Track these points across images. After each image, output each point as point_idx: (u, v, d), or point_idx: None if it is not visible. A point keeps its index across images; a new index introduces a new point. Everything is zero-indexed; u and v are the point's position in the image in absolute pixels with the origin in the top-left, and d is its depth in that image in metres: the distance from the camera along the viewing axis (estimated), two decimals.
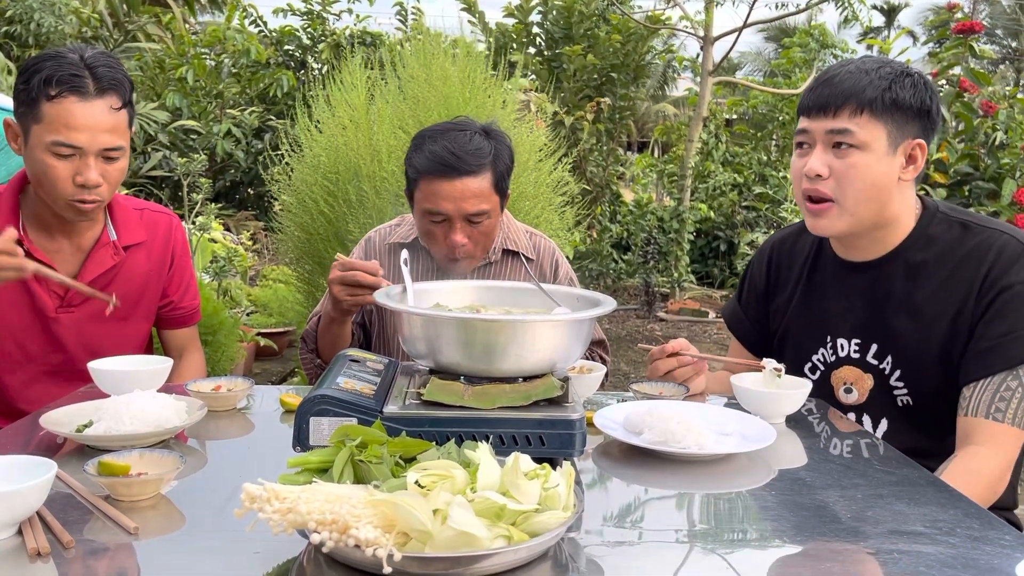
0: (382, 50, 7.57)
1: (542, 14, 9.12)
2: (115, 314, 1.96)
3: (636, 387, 1.75)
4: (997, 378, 1.55)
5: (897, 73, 1.60)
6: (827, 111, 1.60)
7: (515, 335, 1.21)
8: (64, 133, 1.73)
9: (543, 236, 2.21)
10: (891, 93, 1.57)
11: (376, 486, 0.99)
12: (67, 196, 1.78)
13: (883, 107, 1.57)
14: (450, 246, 1.91)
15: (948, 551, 1.04)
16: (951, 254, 1.64)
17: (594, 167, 8.70)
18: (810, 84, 1.68)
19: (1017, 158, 4.67)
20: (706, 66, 8.02)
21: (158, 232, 2.06)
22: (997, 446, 1.52)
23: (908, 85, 1.59)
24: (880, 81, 1.58)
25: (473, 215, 1.89)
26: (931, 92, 1.62)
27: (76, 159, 1.76)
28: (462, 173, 1.86)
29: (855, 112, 1.58)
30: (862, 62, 1.63)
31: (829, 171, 1.61)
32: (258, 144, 8.96)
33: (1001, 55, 26.34)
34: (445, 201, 1.87)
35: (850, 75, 1.60)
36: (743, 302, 2.01)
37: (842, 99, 1.59)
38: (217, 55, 9.66)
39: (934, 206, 1.71)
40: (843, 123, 1.58)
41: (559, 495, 0.97)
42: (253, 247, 7.75)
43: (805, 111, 1.66)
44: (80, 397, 1.62)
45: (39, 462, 1.08)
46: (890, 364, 1.70)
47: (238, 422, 1.56)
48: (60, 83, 1.73)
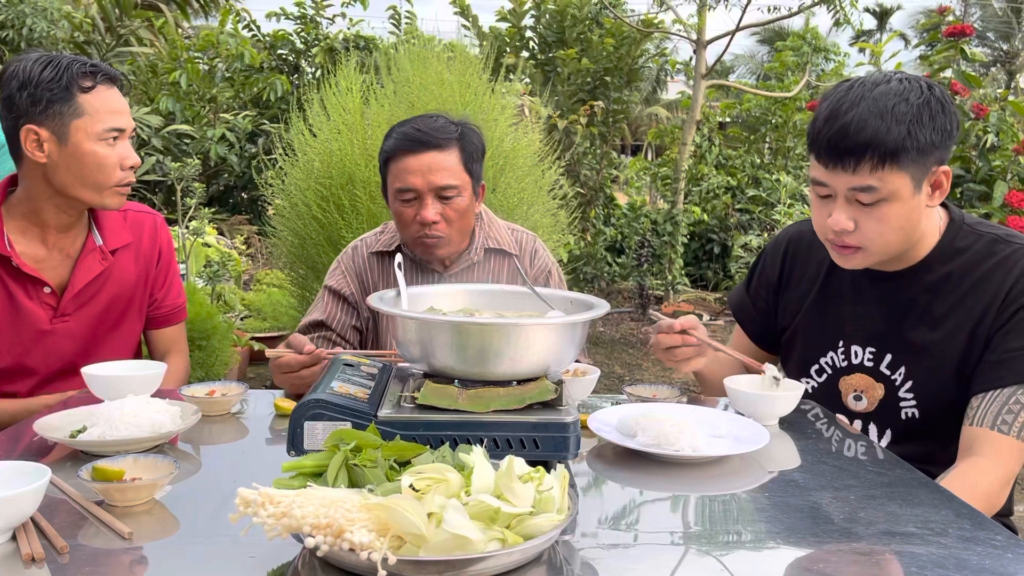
0: (376, 54, 7.57)
1: (535, 18, 9.13)
2: (108, 318, 1.98)
3: (630, 390, 1.75)
4: (1007, 391, 1.53)
5: (915, 110, 1.47)
6: (846, 165, 1.49)
7: (509, 338, 1.22)
8: (113, 119, 1.83)
9: (524, 231, 2.21)
10: (912, 139, 1.46)
11: (370, 490, 0.99)
12: (116, 181, 1.85)
13: (906, 156, 1.47)
14: (421, 222, 1.92)
15: (940, 551, 1.04)
16: (975, 268, 1.62)
17: (588, 170, 8.70)
18: (823, 119, 1.53)
19: (1008, 160, 4.69)
20: (699, 69, 8.03)
21: (144, 232, 2.07)
22: (999, 458, 1.51)
23: (927, 120, 1.47)
24: (898, 127, 1.46)
25: (442, 188, 1.92)
26: (949, 114, 1.51)
27: (118, 144, 1.84)
28: (429, 147, 1.92)
29: (876, 167, 1.47)
30: (875, 98, 1.49)
31: (855, 225, 1.55)
32: (252, 148, 8.94)
33: (992, 58, 26.46)
34: (412, 175, 1.91)
35: (865, 122, 1.47)
36: (752, 291, 1.97)
37: (860, 152, 1.47)
38: (210, 59, 9.64)
39: (960, 218, 1.67)
40: (865, 180, 1.49)
41: (553, 498, 0.97)
42: (247, 251, 7.73)
43: (820, 158, 1.54)
44: (74, 403, 1.61)
45: (33, 468, 1.08)
46: (902, 375, 1.68)
47: (232, 427, 1.56)
48: (93, 74, 1.81)
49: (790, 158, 9.64)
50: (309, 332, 2.07)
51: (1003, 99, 5.27)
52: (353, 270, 2.10)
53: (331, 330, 2.06)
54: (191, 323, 3.68)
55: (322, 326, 2.07)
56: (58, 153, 1.80)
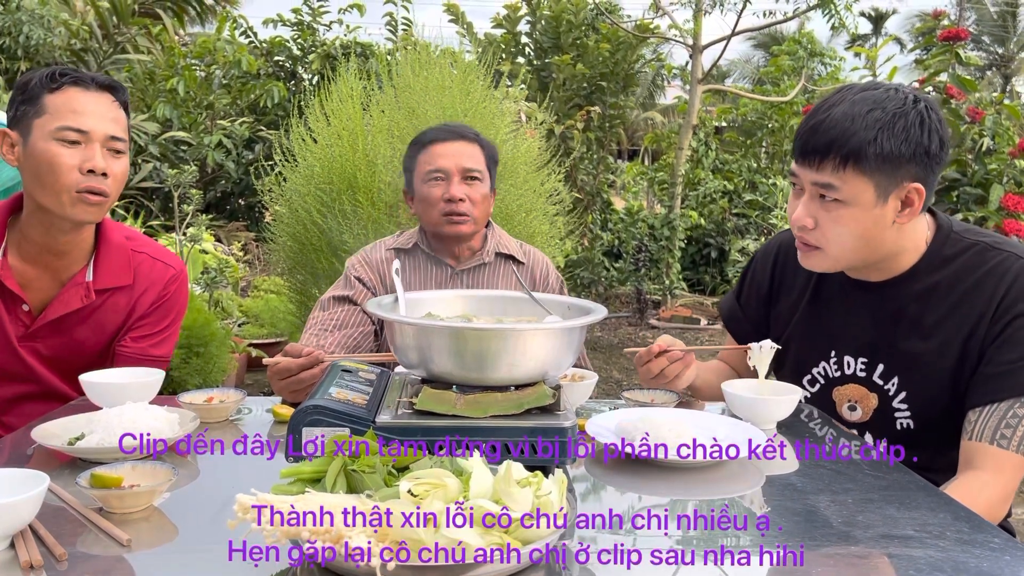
0: (372, 60, 7.58)
1: (530, 24, 9.15)
2: (82, 353, 1.91)
3: (628, 394, 1.76)
4: (1004, 405, 1.52)
5: (889, 117, 1.47)
6: (811, 161, 1.52)
7: (506, 344, 1.22)
8: (70, 118, 1.73)
9: (533, 248, 2.38)
10: (876, 146, 1.46)
11: (369, 495, 0.99)
12: (74, 186, 1.72)
13: (867, 161, 1.47)
14: (448, 199, 2.11)
15: (938, 554, 1.04)
16: (965, 276, 1.59)
17: (585, 175, 8.72)
18: (806, 117, 1.57)
19: (1004, 163, 4.70)
20: (695, 74, 8.06)
21: (153, 282, 1.97)
22: (1000, 473, 1.50)
23: (899, 130, 1.46)
24: (865, 131, 1.46)
25: (468, 170, 2.14)
26: (930, 129, 1.49)
27: (82, 147, 1.74)
28: (458, 137, 2.18)
29: (838, 166, 1.49)
30: (854, 102, 1.50)
31: (815, 222, 1.56)
32: (249, 155, 8.95)
33: (988, 61, 26.54)
34: (443, 158, 2.14)
35: (836, 122, 1.49)
36: (742, 300, 1.97)
37: (825, 150, 1.49)
38: (207, 66, 9.66)
39: (948, 225, 1.65)
40: (826, 177, 1.50)
41: (552, 502, 0.97)
42: (244, 258, 7.73)
43: (794, 152, 1.58)
44: (72, 410, 1.61)
45: (31, 475, 1.08)
46: (895, 385, 1.67)
47: (230, 433, 1.56)
48: (62, 75, 1.76)
49: (786, 162, 9.67)
50: (330, 306, 2.16)
51: (999, 103, 5.29)
52: (372, 263, 2.22)
53: (354, 303, 2.16)
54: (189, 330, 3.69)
55: (346, 300, 2.17)
56: (23, 156, 1.77)
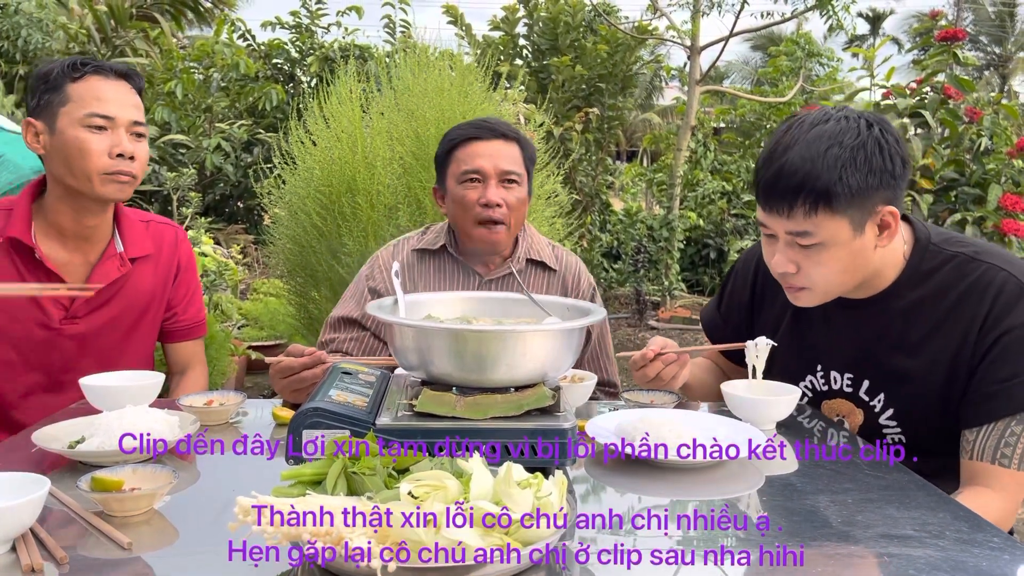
0: (371, 62, 7.58)
1: (528, 26, 9.15)
2: (120, 326, 1.99)
3: (627, 395, 1.76)
4: (1001, 423, 1.51)
5: (849, 152, 1.44)
6: (780, 211, 1.49)
7: (506, 345, 1.22)
8: (96, 105, 1.84)
9: (566, 250, 2.24)
10: (843, 185, 1.43)
11: (369, 497, 1.00)
12: (104, 168, 1.84)
13: (838, 201, 1.44)
14: (485, 203, 1.97)
15: (937, 554, 1.05)
16: (947, 291, 1.57)
17: (583, 177, 8.73)
18: (761, 159, 1.54)
19: (1002, 163, 4.71)
20: (693, 75, 8.06)
21: (164, 244, 2.09)
22: (1004, 491, 1.50)
23: (862, 163, 1.44)
24: (829, 172, 1.43)
25: (506, 173, 2.00)
26: (890, 153, 1.47)
27: (108, 133, 1.84)
28: (496, 135, 2.03)
29: (809, 212, 1.45)
30: (808, 142, 1.46)
31: (797, 267, 1.54)
32: (247, 158, 8.95)
33: (985, 61, 26.57)
34: (480, 159, 1.99)
35: (796, 167, 1.45)
36: (723, 310, 1.96)
37: (792, 198, 1.46)
38: (206, 69, 9.66)
39: (925, 237, 1.62)
40: (799, 225, 1.47)
41: (552, 503, 0.97)
42: (243, 261, 7.73)
43: (759, 200, 1.54)
44: (72, 413, 1.61)
45: (32, 478, 1.08)
46: (881, 402, 1.66)
47: (231, 436, 1.56)
48: (83, 64, 1.85)
49: None
50: (341, 328, 2.06)
51: (996, 102, 5.30)
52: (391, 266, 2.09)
53: (365, 329, 2.05)
54: None
55: (355, 324, 2.05)
56: (50, 143, 1.85)
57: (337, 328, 2.06)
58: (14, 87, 7.79)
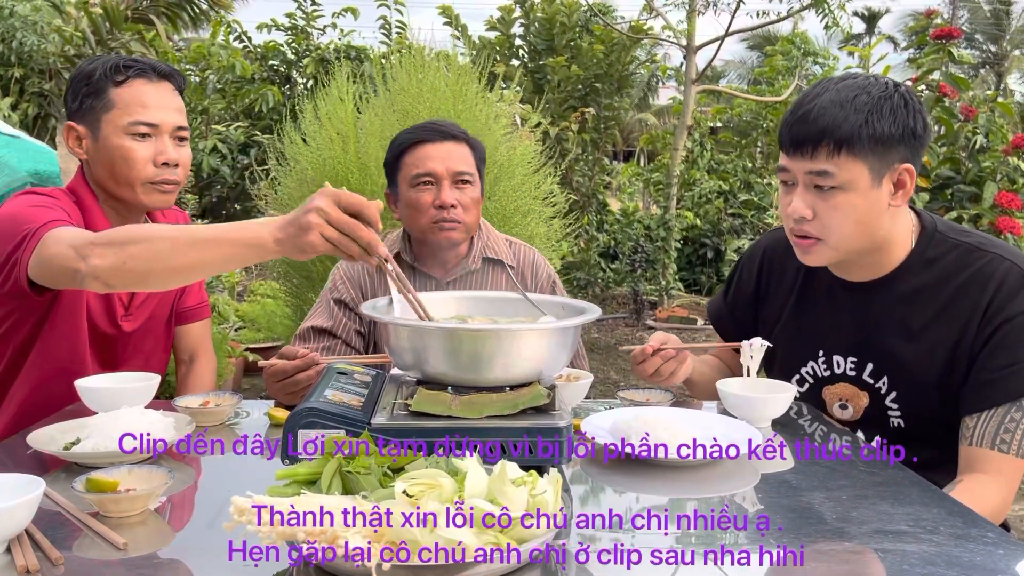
0: (367, 64, 7.58)
1: (524, 26, 9.16)
2: (158, 316, 2.02)
3: (623, 394, 1.76)
4: (1001, 409, 1.52)
5: (875, 101, 1.50)
6: (804, 151, 1.52)
7: (501, 344, 1.22)
8: (141, 112, 1.81)
9: (522, 243, 2.24)
10: (868, 128, 1.48)
11: (364, 496, 1.00)
12: (148, 177, 1.82)
13: (861, 144, 1.48)
14: (439, 205, 1.97)
15: (932, 549, 1.05)
16: (951, 279, 1.59)
17: (580, 177, 8.73)
18: (789, 111, 1.59)
19: (998, 161, 4.71)
20: (689, 75, 8.07)
21: None
22: (1002, 476, 1.51)
23: (887, 112, 1.49)
24: (856, 115, 1.48)
25: (459, 174, 1.99)
26: (914, 111, 1.52)
27: (152, 140, 1.83)
28: (446, 137, 2.02)
29: (832, 152, 1.50)
30: (838, 90, 1.52)
31: (813, 212, 1.55)
32: (244, 160, 8.94)
33: (981, 60, 26.61)
34: (432, 161, 1.98)
35: (825, 109, 1.50)
36: (729, 301, 1.98)
37: (818, 138, 1.50)
38: (202, 71, 9.65)
39: (932, 225, 1.65)
40: (821, 164, 1.51)
41: (547, 502, 0.97)
42: None
43: (783, 146, 1.58)
44: (67, 415, 1.61)
45: (27, 479, 1.08)
46: (886, 384, 1.67)
47: (226, 437, 1.56)
48: (126, 68, 1.81)
49: None
50: (311, 338, 2.05)
51: (992, 100, 5.31)
52: (351, 276, 2.10)
53: (336, 337, 2.05)
54: None
55: (326, 333, 2.05)
56: (93, 149, 1.83)
57: (307, 338, 2.05)
58: (9, 90, 7.78)
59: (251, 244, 1.33)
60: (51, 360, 1.83)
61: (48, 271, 1.55)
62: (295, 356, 1.67)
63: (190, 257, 1.37)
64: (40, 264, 1.55)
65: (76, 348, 1.85)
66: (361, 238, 1.28)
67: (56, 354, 1.83)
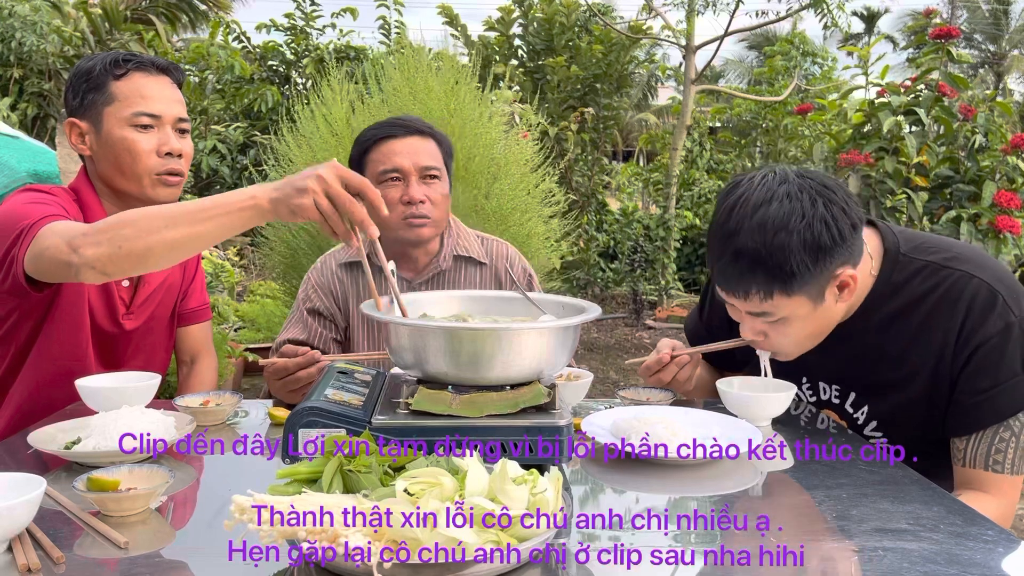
0: (365, 64, 7.58)
1: (523, 26, 9.16)
2: (159, 316, 2.02)
3: (623, 393, 1.76)
4: (989, 432, 1.52)
5: (797, 239, 1.42)
6: (737, 296, 1.52)
7: (501, 343, 1.22)
8: (142, 104, 1.82)
9: (495, 239, 2.20)
10: (795, 270, 1.43)
11: (365, 495, 1.00)
12: (154, 169, 1.83)
13: (792, 285, 1.46)
14: (408, 201, 1.94)
15: (932, 547, 1.05)
16: (920, 302, 1.57)
17: (579, 177, 8.73)
18: (713, 234, 1.53)
19: (997, 160, 4.71)
20: (688, 75, 8.07)
21: None
22: (1000, 494, 1.52)
23: (811, 246, 1.43)
24: (779, 262, 1.43)
25: (427, 169, 1.97)
26: (837, 223, 1.44)
27: (155, 131, 1.83)
28: (411, 132, 1.99)
29: (764, 298, 1.49)
30: (755, 228, 1.44)
31: (764, 335, 1.59)
32: (243, 160, 8.94)
33: (980, 59, 26.62)
34: (398, 156, 1.96)
35: (746, 254, 1.45)
36: (705, 318, 1.95)
37: (746, 288, 1.49)
38: (201, 71, 9.64)
39: (894, 248, 1.60)
40: (756, 307, 1.51)
41: (548, 500, 0.98)
42: (240, 262, 7.72)
43: (714, 278, 1.57)
44: (68, 415, 1.61)
45: (28, 479, 1.08)
46: (864, 414, 1.68)
47: (227, 436, 1.56)
48: (125, 61, 1.83)
49: (780, 162, 9.68)
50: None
51: (991, 100, 5.31)
52: (322, 285, 2.07)
53: (313, 348, 1.99)
54: None
55: (302, 345, 1.99)
56: (96, 144, 1.84)
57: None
58: (8, 90, 7.77)
59: (246, 206, 1.34)
60: (53, 359, 1.83)
61: (43, 265, 1.55)
62: (295, 354, 1.67)
63: (187, 229, 1.37)
64: (35, 259, 1.56)
65: (78, 346, 1.85)
66: (354, 214, 1.30)
67: (58, 352, 1.83)
